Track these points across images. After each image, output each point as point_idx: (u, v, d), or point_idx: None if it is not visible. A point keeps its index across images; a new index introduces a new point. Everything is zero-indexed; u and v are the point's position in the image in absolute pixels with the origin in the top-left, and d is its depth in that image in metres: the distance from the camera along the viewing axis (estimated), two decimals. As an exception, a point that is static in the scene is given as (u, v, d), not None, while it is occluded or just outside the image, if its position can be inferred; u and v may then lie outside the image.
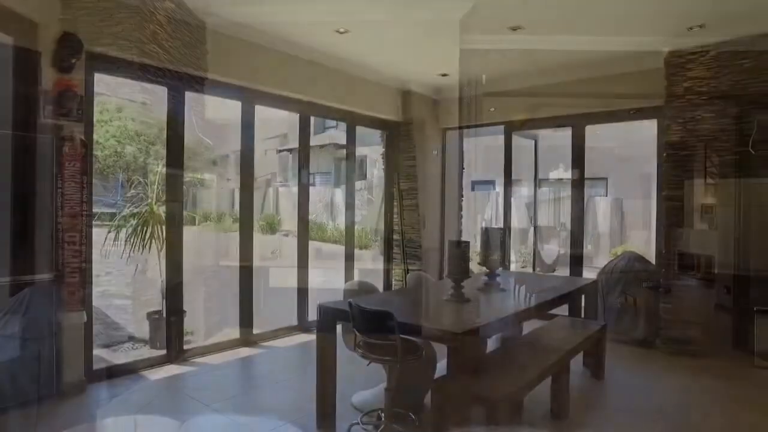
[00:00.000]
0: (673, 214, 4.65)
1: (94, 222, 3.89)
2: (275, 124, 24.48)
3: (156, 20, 3.96)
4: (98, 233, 4.05)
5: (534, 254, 7.94)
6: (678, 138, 4.60)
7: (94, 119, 3.95)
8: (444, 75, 6.03)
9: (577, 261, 5.80)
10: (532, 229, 11.11)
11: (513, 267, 10.19)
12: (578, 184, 5.82)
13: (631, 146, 12.77)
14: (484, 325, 2.69)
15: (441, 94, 6.80)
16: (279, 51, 4.87)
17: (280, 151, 24.09)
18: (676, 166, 4.62)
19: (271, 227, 17.66)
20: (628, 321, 4.96)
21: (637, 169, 12.36)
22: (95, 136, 4.10)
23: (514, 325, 3.67)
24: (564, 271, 10.28)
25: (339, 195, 17.46)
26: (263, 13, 4.18)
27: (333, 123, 20.17)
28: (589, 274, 6.27)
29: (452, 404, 2.49)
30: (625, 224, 11.76)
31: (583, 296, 4.49)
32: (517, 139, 6.59)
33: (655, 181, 5.22)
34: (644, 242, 10.01)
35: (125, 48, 3.81)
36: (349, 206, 6.18)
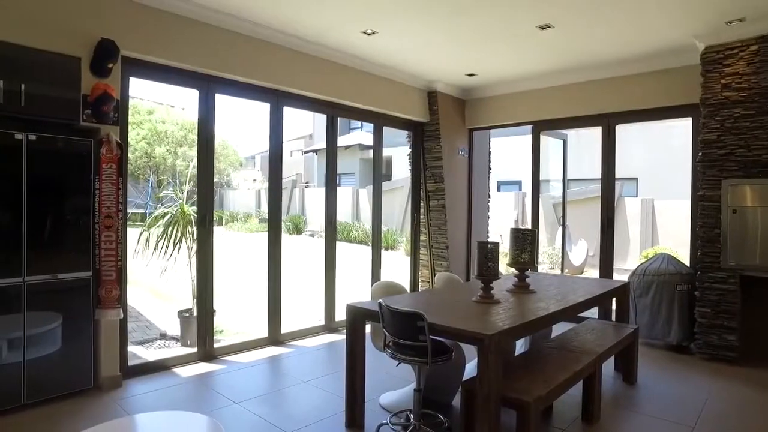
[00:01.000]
0: (709, 215, 4.51)
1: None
2: (300, 125, 24.77)
3: (188, 24, 4.05)
4: (131, 233, 4.16)
5: (563, 255, 7.81)
6: (715, 136, 4.46)
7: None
8: (471, 75, 5.99)
9: (606, 263, 5.69)
10: (560, 229, 10.96)
11: (540, 268, 10.06)
12: (608, 184, 5.70)
13: (663, 145, 12.49)
14: (514, 327, 2.65)
15: (468, 95, 6.76)
16: (306, 53, 4.92)
17: (306, 152, 24.38)
18: (712, 166, 4.48)
19: (297, 228, 17.86)
20: (661, 324, 4.84)
21: (670, 169, 12.07)
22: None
23: (543, 327, 3.62)
24: (592, 273, 10.12)
25: (364, 195, 17.56)
26: (290, 16, 4.23)
27: (358, 124, 20.33)
28: (618, 276, 6.14)
29: (482, 406, 2.46)
30: (657, 225, 11.47)
31: (614, 299, 4.40)
32: (545, 139, 6.50)
33: (689, 181, 5.07)
34: (678, 244, 9.76)
35: (159, 52, 3.91)
36: (376, 207, 6.18)
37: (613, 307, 4.98)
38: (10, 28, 3.16)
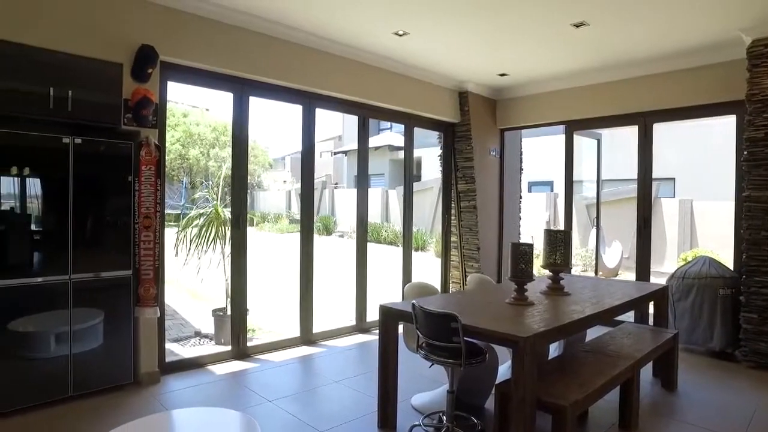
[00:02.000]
0: (755, 216, 4.33)
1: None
2: (330, 127, 24.98)
3: (223, 29, 4.14)
4: (167, 234, 4.27)
5: (596, 257, 7.64)
6: (763, 134, 4.27)
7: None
8: (503, 75, 5.93)
9: (643, 265, 5.53)
10: (593, 231, 10.71)
11: (573, 271, 9.87)
12: (644, 184, 5.55)
13: (702, 144, 12.07)
14: (549, 330, 2.61)
15: (500, 95, 6.69)
16: (338, 55, 4.97)
17: (335, 153, 24.58)
18: (759, 165, 4.30)
19: (327, 229, 18.03)
20: (702, 330, 4.67)
21: (709, 169, 11.65)
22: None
23: (579, 330, 3.55)
24: (627, 276, 9.85)
25: (393, 196, 17.58)
26: (324, 19, 4.27)
27: (387, 125, 20.37)
28: (655, 279, 5.97)
29: (517, 409, 2.43)
30: (695, 227, 11.08)
31: (651, 302, 4.28)
32: (577, 139, 6.37)
33: (731, 181, 4.88)
34: (719, 246, 9.41)
35: (195, 56, 4.01)
36: (407, 208, 6.17)
37: (650, 311, 4.85)
38: (58, 37, 3.30)
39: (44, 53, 3.20)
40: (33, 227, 3.28)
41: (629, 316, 5.11)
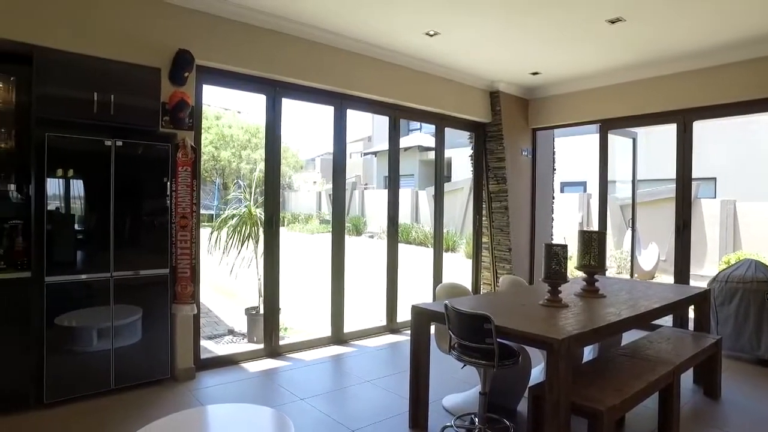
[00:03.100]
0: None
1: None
2: (359, 127, 25.10)
3: (256, 32, 4.22)
4: (201, 233, 4.37)
5: (632, 259, 7.43)
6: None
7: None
8: (535, 74, 5.84)
9: (682, 268, 5.35)
10: (628, 232, 10.43)
11: (607, 273, 9.63)
12: (683, 184, 5.37)
13: (746, 142, 11.60)
14: (584, 332, 2.56)
15: (532, 94, 6.59)
16: (370, 56, 4.99)
17: (365, 154, 24.70)
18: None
19: (357, 229, 18.12)
20: (748, 336, 4.48)
21: (754, 168, 11.19)
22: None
23: (614, 333, 3.46)
24: (664, 279, 9.55)
25: (423, 197, 17.54)
26: (356, 21, 4.30)
27: (417, 125, 20.34)
28: (695, 282, 5.77)
29: (551, 413, 2.39)
30: (739, 228, 10.65)
31: (691, 307, 4.14)
32: (611, 138, 6.22)
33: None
34: (766, 249, 9.01)
35: (230, 60, 4.09)
36: (438, 208, 6.15)
37: (690, 315, 4.69)
38: (102, 45, 3.43)
39: (89, 60, 3.34)
40: (77, 227, 3.41)
41: (667, 321, 4.95)
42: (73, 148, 3.32)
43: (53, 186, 3.25)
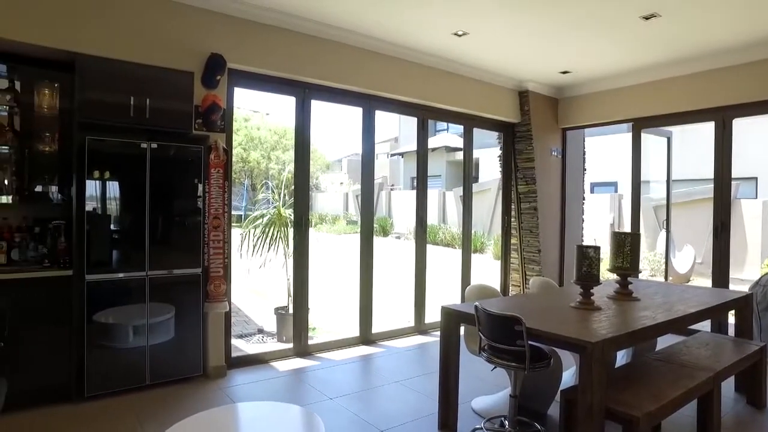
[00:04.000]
0: None
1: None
2: (386, 128, 25.15)
3: (285, 35, 4.27)
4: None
5: (666, 262, 7.22)
6: None
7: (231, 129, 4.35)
8: (565, 72, 5.75)
9: (721, 271, 5.18)
10: (662, 234, 10.15)
11: (640, 275, 9.38)
12: (722, 184, 5.20)
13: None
14: (618, 336, 2.50)
15: (561, 93, 6.48)
16: (398, 57, 5.00)
17: (392, 155, 24.73)
18: None
19: (384, 230, 18.16)
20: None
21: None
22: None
23: (650, 338, 3.38)
24: (700, 282, 9.25)
25: (450, 198, 17.45)
26: (384, 22, 4.31)
27: (444, 126, 20.27)
28: (735, 286, 5.57)
29: (584, 418, 2.34)
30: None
31: (731, 312, 4.00)
32: (644, 137, 6.06)
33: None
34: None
35: (260, 63, 4.16)
36: (467, 209, 6.11)
37: (730, 320, 4.53)
38: (137, 50, 3.54)
39: (126, 66, 3.44)
40: (115, 227, 3.52)
41: (704, 326, 4.79)
42: (112, 151, 3.43)
43: (92, 187, 3.36)
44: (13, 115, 3.37)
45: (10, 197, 3.31)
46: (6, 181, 3.32)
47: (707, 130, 5.34)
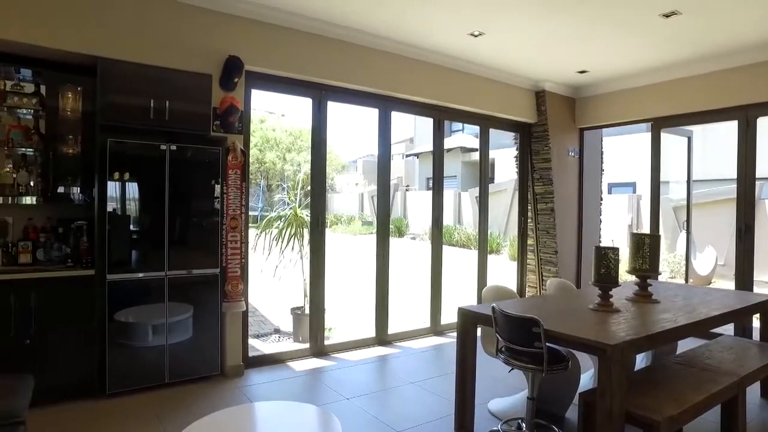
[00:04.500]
0: None
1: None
2: (401, 129, 25.15)
3: (302, 37, 4.30)
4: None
5: (687, 264, 7.09)
6: None
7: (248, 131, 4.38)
8: (582, 72, 5.69)
9: (745, 273, 5.07)
10: (682, 235, 9.97)
11: (660, 277, 9.22)
12: (746, 184, 5.09)
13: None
14: (638, 338, 2.47)
15: (579, 93, 6.42)
16: (414, 58, 5.00)
17: (407, 155, 24.71)
18: None
19: (399, 231, 18.15)
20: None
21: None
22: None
23: (670, 341, 3.32)
24: (722, 284, 9.06)
25: (466, 198, 17.38)
26: (400, 23, 4.32)
27: (459, 126, 20.20)
28: (759, 290, 5.44)
29: (603, 421, 2.32)
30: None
31: (755, 315, 3.91)
32: (663, 137, 5.97)
33: None
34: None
35: (277, 65, 4.19)
36: (483, 210, 6.08)
37: (754, 324, 4.43)
38: (157, 53, 3.60)
39: (146, 69, 3.50)
40: (135, 227, 3.57)
41: (727, 329, 4.70)
42: (132, 153, 3.49)
43: (113, 188, 3.42)
44: (38, 119, 3.46)
45: (35, 198, 3.39)
46: (32, 183, 3.41)
47: (730, 129, 5.23)
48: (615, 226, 11.60)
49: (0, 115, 3.36)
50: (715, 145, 11.00)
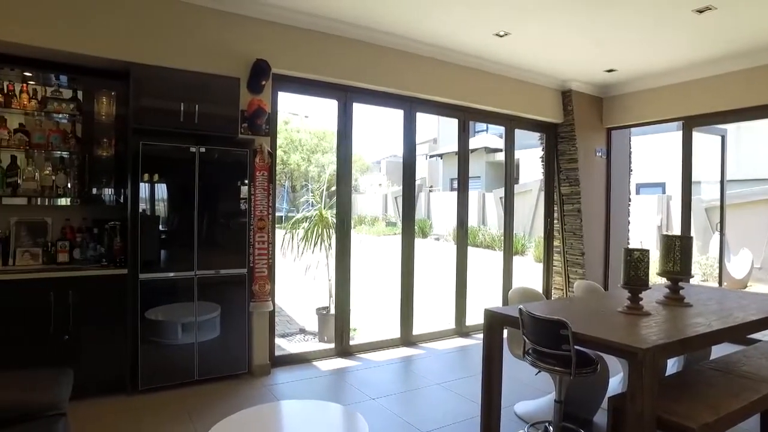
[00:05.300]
0: None
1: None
2: (424, 130, 25.10)
3: (327, 39, 4.35)
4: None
5: (720, 267, 6.88)
6: None
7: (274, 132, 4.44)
8: (610, 71, 5.59)
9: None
10: (715, 236, 9.69)
11: (691, 280, 8.97)
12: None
13: None
14: (671, 343, 2.41)
15: (606, 92, 6.31)
16: (438, 59, 4.99)
17: (430, 156, 24.63)
18: None
19: (423, 232, 18.11)
20: None
21: None
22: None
23: (704, 346, 3.23)
24: (759, 288, 8.77)
25: (490, 199, 17.23)
26: (426, 24, 4.32)
27: (483, 126, 20.03)
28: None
29: (634, 426, 2.27)
30: None
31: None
32: (696, 135, 5.81)
33: None
34: None
35: (303, 67, 4.24)
36: (508, 211, 6.03)
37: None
38: (186, 58, 3.69)
39: (177, 73, 3.59)
40: (166, 228, 3.66)
41: (764, 335, 4.54)
42: (163, 155, 3.58)
43: (145, 190, 3.52)
44: (75, 123, 3.58)
45: (71, 199, 3.51)
46: (69, 185, 3.53)
47: (766, 127, 5.06)
48: (644, 228, 11.34)
49: (41, 120, 3.50)
50: (751, 144, 10.65)
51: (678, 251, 3.26)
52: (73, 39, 3.30)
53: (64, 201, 3.50)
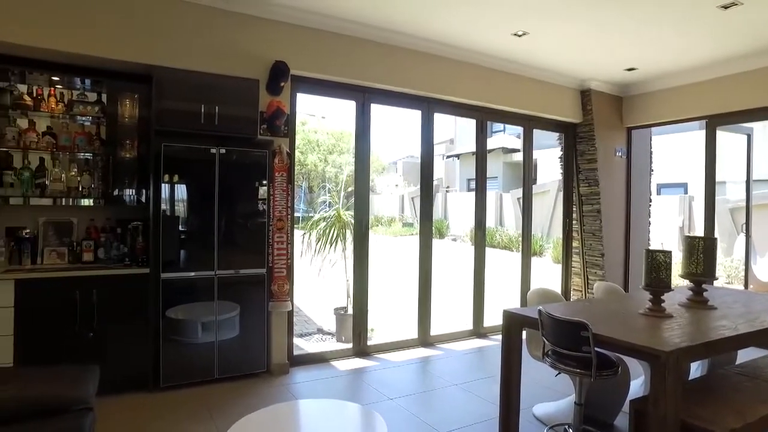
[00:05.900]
0: None
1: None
2: (441, 130, 25.03)
3: (345, 41, 4.37)
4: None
5: (746, 269, 6.72)
6: None
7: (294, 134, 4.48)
8: (630, 69, 5.51)
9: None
10: (740, 238, 9.47)
11: (715, 283, 8.77)
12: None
13: None
14: (694, 346, 2.37)
15: (627, 91, 6.22)
16: (456, 59, 4.98)
17: (447, 156, 24.55)
18: None
19: (440, 232, 18.06)
20: None
21: None
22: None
23: (729, 349, 3.17)
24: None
25: (507, 200, 17.10)
26: (442, 25, 4.31)
27: (500, 127, 19.90)
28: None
29: (655, 429, 2.24)
30: None
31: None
32: (721, 134, 5.69)
33: None
34: None
35: (322, 69, 4.27)
36: (527, 212, 5.99)
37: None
38: (207, 60, 3.75)
39: (197, 76, 3.65)
40: (187, 228, 3.72)
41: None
42: (185, 157, 3.64)
43: (166, 191, 3.58)
44: (100, 125, 3.67)
45: (95, 200, 3.59)
46: (93, 185, 3.61)
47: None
48: (665, 229, 11.14)
49: (67, 123, 3.59)
50: (777, 143, 10.36)
51: (701, 252, 3.20)
52: (96, 43, 3.38)
53: (88, 201, 3.58)
